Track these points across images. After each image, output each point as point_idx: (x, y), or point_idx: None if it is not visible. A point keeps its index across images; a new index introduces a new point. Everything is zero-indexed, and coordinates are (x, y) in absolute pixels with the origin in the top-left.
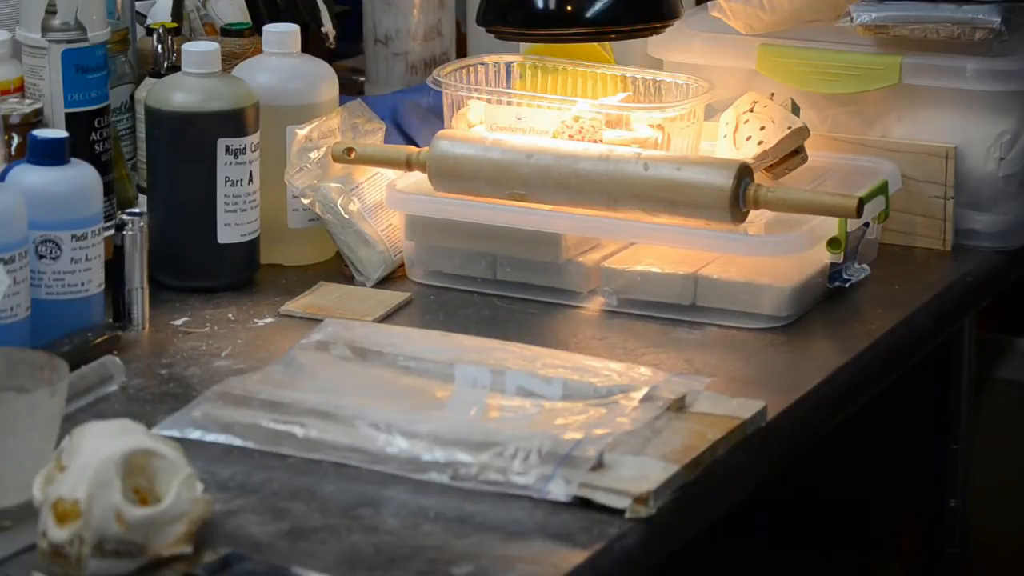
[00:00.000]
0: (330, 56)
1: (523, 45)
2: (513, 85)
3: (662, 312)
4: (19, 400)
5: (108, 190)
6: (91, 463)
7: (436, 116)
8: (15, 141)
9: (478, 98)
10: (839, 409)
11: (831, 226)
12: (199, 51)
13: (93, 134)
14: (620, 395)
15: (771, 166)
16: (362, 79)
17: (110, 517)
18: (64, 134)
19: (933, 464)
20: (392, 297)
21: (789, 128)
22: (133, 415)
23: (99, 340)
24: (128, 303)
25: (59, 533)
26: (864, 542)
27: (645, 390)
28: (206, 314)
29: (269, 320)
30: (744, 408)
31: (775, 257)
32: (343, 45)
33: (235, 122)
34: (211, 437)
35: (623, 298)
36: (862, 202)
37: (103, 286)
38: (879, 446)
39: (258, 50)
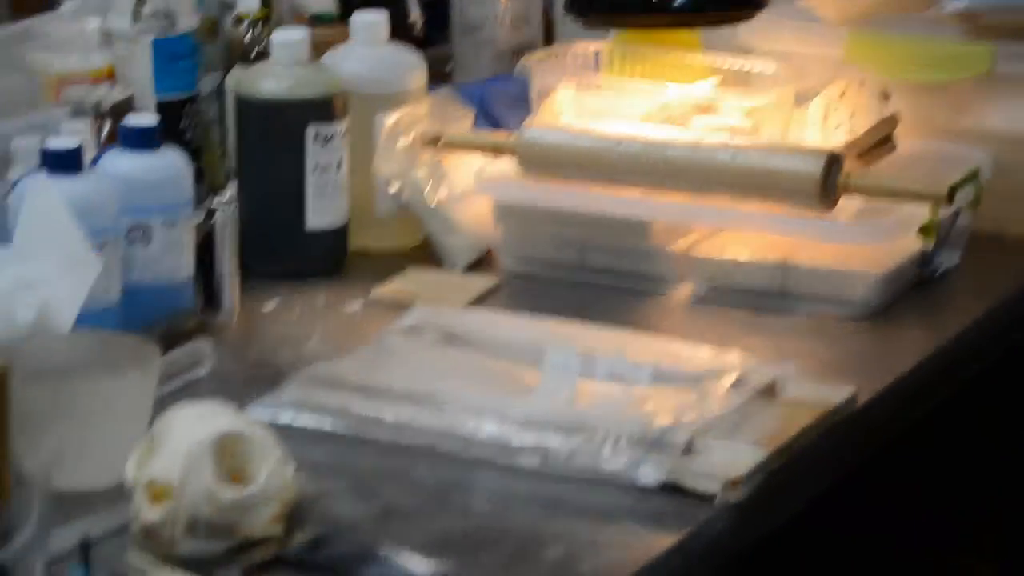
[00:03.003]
0: (418, 44)
1: (611, 32)
2: (601, 72)
3: (751, 299)
4: (111, 383)
5: (198, 177)
6: (183, 445)
7: (524, 103)
8: (106, 128)
9: (566, 86)
10: (929, 397)
11: (922, 213)
12: (288, 39)
13: (183, 121)
14: (710, 380)
15: (861, 154)
16: (450, 67)
17: (202, 498)
18: (155, 121)
19: None
20: (481, 283)
21: (879, 116)
22: (224, 398)
23: (189, 325)
24: (218, 288)
25: (152, 514)
26: (950, 536)
27: (735, 375)
28: (295, 300)
29: (358, 306)
30: (834, 394)
31: (865, 244)
32: (431, 33)
33: (324, 109)
34: (302, 420)
35: (712, 285)
36: (953, 190)
37: (193, 271)
38: (969, 437)
39: (346, 38)
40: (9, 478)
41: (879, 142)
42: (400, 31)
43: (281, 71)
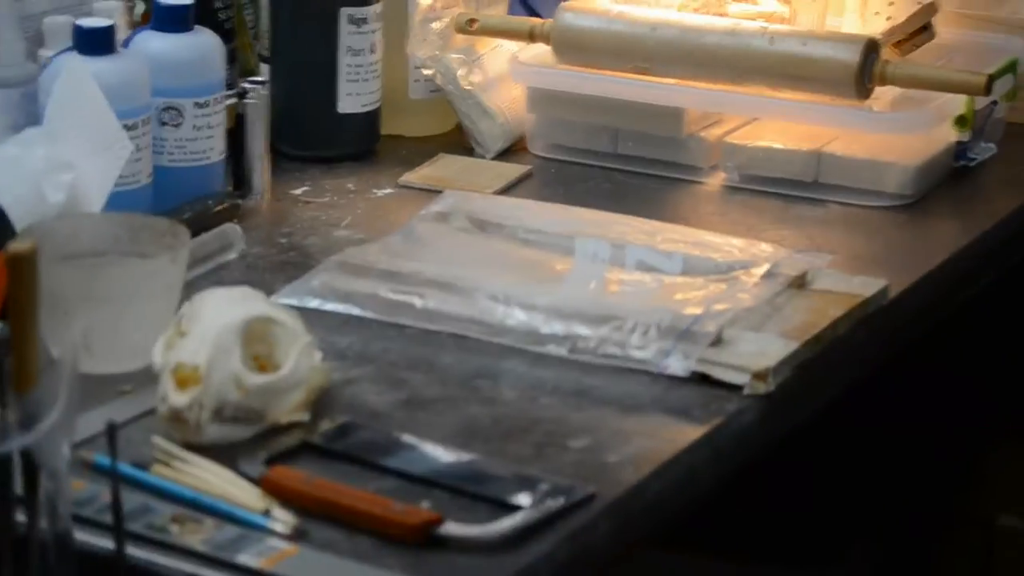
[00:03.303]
0: None
1: None
2: None
3: (784, 188)
4: (141, 266)
5: (230, 58)
6: (211, 329)
7: None
8: (139, 7)
9: None
10: (962, 289)
11: (958, 104)
12: None
13: (216, 2)
14: (741, 271)
15: (899, 42)
16: None
17: (229, 383)
18: (188, 0)
19: None
20: (512, 170)
21: (918, 4)
22: (252, 283)
23: (220, 208)
24: (249, 171)
25: (179, 398)
26: (978, 422)
27: (766, 266)
28: (326, 184)
29: (389, 191)
30: (866, 286)
31: (900, 134)
32: None
33: None
34: (330, 306)
35: (745, 174)
36: (991, 79)
37: (224, 154)
38: (999, 326)
39: None
40: (38, 360)
41: (918, 30)
42: None
43: None
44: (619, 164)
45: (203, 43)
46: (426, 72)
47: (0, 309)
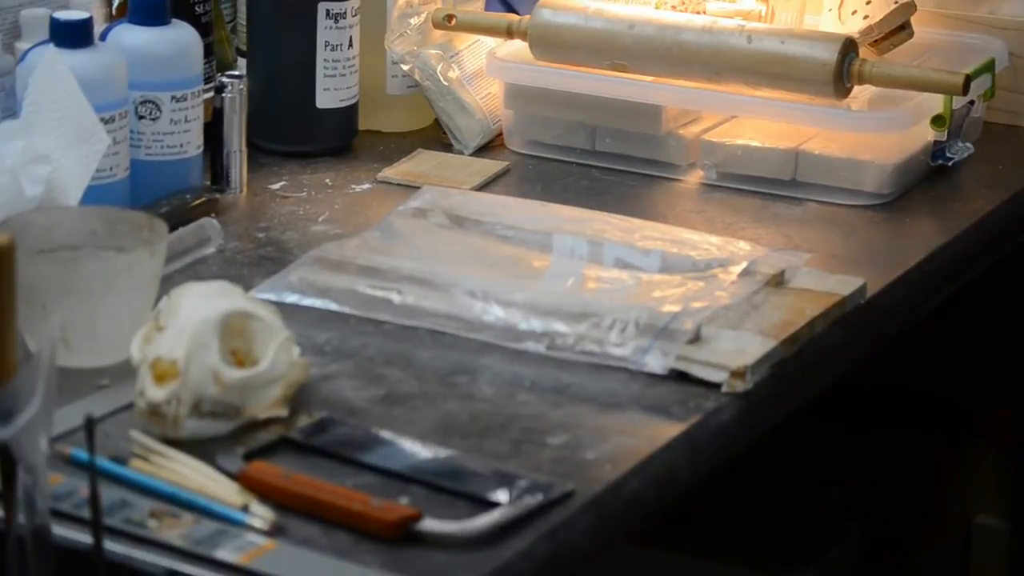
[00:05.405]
0: None
1: None
2: None
3: (762, 187)
4: (118, 260)
5: (208, 52)
6: (190, 324)
7: None
8: (117, 1)
9: None
10: (939, 288)
11: (936, 103)
12: None
13: None
14: (718, 269)
15: (876, 41)
16: None
17: (208, 378)
18: None
19: None
20: (490, 166)
21: (895, 3)
22: (230, 278)
23: (197, 202)
24: (226, 166)
25: (157, 393)
26: (956, 422)
27: (744, 264)
28: (303, 179)
29: (366, 186)
30: (843, 285)
31: (878, 133)
32: None
33: None
34: (308, 301)
35: (723, 172)
36: (968, 79)
37: (201, 148)
38: (976, 326)
39: None
40: (15, 354)
41: (895, 29)
42: None
43: None
44: (597, 161)
45: (180, 37)
46: (404, 68)
47: None
